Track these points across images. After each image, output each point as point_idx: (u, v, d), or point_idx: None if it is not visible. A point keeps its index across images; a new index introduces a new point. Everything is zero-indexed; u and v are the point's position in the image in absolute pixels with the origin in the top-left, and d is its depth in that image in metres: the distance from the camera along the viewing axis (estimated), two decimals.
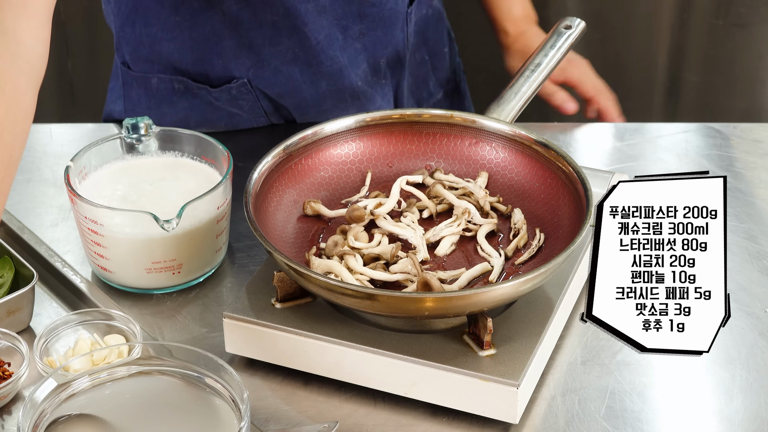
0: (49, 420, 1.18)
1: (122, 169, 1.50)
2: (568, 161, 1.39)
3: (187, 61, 1.72)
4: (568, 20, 1.58)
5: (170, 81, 1.73)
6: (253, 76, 1.72)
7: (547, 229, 1.38)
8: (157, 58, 1.72)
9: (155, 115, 1.76)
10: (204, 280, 1.47)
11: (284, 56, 1.71)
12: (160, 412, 1.21)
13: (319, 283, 1.25)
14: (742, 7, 2.72)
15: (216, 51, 1.70)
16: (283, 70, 1.72)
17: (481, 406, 1.25)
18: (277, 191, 1.42)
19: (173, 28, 1.69)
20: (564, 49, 1.55)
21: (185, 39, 1.70)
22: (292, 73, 1.72)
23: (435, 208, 1.42)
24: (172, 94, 1.74)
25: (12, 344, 1.33)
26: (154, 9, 1.69)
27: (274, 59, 1.71)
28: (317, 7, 1.67)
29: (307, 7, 1.67)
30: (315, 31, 1.69)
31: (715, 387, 1.32)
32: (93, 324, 1.36)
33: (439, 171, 1.47)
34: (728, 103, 2.85)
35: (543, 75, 1.53)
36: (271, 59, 1.71)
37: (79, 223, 1.43)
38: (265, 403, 1.30)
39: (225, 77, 1.73)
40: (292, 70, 1.72)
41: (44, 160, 1.71)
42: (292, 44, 1.69)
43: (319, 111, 1.77)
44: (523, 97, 1.51)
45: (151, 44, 1.71)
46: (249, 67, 1.71)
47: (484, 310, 1.25)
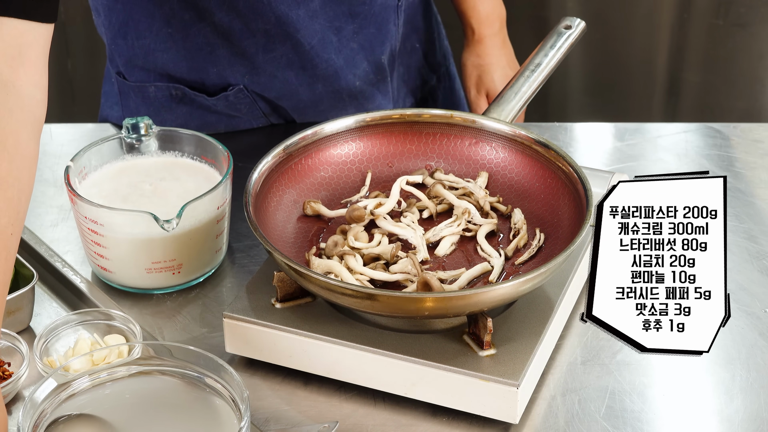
0: (49, 420, 1.18)
1: (122, 169, 1.50)
2: (568, 161, 1.39)
3: (182, 70, 1.71)
4: (568, 20, 1.58)
5: (167, 89, 1.73)
6: (249, 82, 1.72)
7: (547, 229, 1.38)
8: (152, 68, 1.72)
9: (155, 122, 1.76)
10: (204, 280, 1.47)
11: (278, 62, 1.70)
12: (160, 412, 1.21)
13: (319, 283, 1.25)
14: (742, 6, 2.73)
15: (210, 60, 1.70)
16: (278, 75, 1.72)
17: (481, 406, 1.25)
18: (277, 191, 1.42)
19: (166, 39, 1.69)
20: (564, 49, 1.55)
21: (179, 49, 1.70)
22: (287, 77, 1.72)
23: (435, 208, 1.42)
24: (170, 101, 1.74)
25: (12, 344, 1.33)
26: (146, 22, 1.69)
27: (268, 66, 1.71)
28: (308, 12, 1.67)
29: (298, 13, 1.66)
30: (308, 36, 1.69)
31: (715, 387, 1.32)
32: (93, 324, 1.36)
33: (439, 171, 1.47)
34: (728, 103, 2.85)
35: (543, 75, 1.53)
36: (265, 66, 1.70)
37: (79, 223, 1.43)
38: (265, 403, 1.30)
39: (221, 84, 1.72)
40: (288, 75, 1.72)
41: (44, 160, 1.70)
42: (285, 50, 1.69)
43: (317, 111, 1.77)
44: (523, 98, 1.50)
45: (145, 55, 1.71)
46: (244, 74, 1.71)
47: (484, 311, 1.25)
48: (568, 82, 2.77)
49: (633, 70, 2.81)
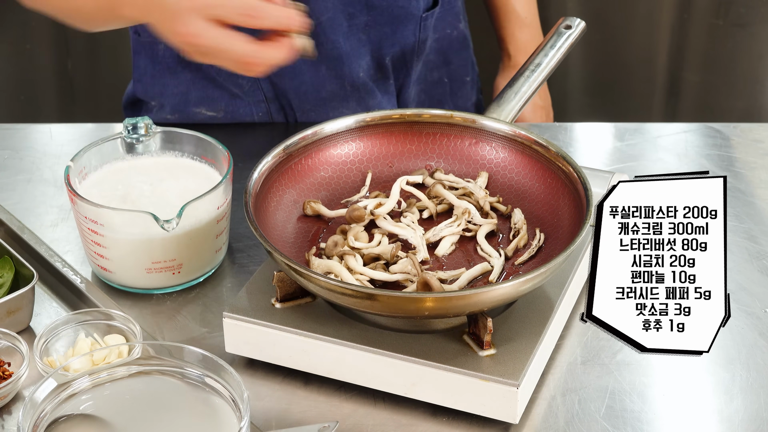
0: (49, 420, 1.18)
1: (122, 169, 1.50)
2: (568, 161, 1.38)
3: None
4: (569, 20, 1.58)
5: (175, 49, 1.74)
6: None
7: (547, 229, 1.38)
8: None
9: (158, 86, 1.76)
10: (204, 280, 1.47)
11: None
12: (160, 412, 1.20)
13: (319, 283, 1.25)
14: (742, 6, 2.73)
15: None
16: None
17: (481, 406, 1.25)
18: (277, 191, 1.42)
19: None
20: (564, 49, 1.55)
21: None
22: None
23: (435, 208, 1.42)
24: (176, 63, 1.74)
25: (12, 344, 1.33)
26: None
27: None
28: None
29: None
30: (318, 10, 1.68)
31: (715, 387, 1.32)
32: (93, 324, 1.36)
33: (439, 171, 1.47)
34: (728, 103, 2.85)
35: (543, 75, 1.53)
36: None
37: (79, 223, 1.43)
38: (265, 403, 1.30)
39: None
40: None
41: (44, 160, 1.70)
42: None
43: (318, 98, 1.76)
44: (523, 98, 1.50)
45: None
46: None
47: (484, 311, 1.25)
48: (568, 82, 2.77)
49: (633, 70, 2.81)
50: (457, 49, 1.87)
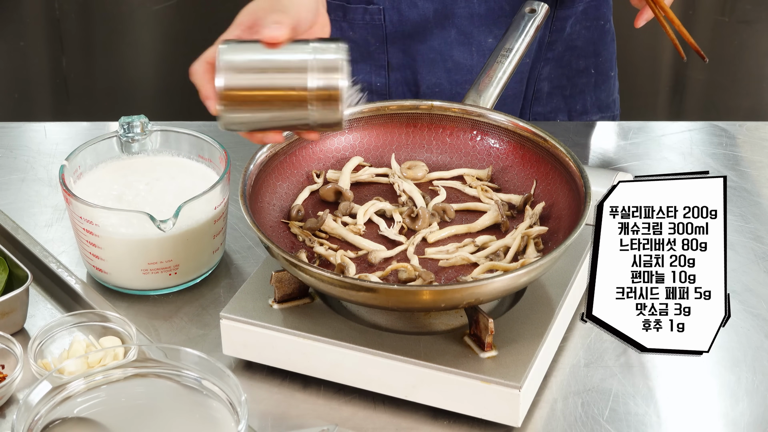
0: (44, 423, 1.18)
1: (118, 168, 1.49)
2: (565, 152, 1.39)
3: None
4: (533, 4, 1.58)
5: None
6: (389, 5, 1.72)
7: (546, 223, 1.38)
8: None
9: None
10: (201, 281, 1.47)
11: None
12: (157, 415, 1.21)
13: (315, 275, 1.23)
14: (748, 4, 2.72)
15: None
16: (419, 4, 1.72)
17: (483, 409, 1.24)
18: (273, 183, 1.41)
19: None
20: (531, 33, 1.55)
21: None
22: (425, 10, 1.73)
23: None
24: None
25: (6, 346, 1.33)
26: None
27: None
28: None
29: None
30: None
31: (720, 390, 1.32)
32: (88, 326, 1.36)
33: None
34: (733, 101, 2.85)
35: (516, 59, 1.52)
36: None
37: (74, 224, 1.42)
38: (263, 406, 1.29)
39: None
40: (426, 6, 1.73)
41: (38, 159, 1.70)
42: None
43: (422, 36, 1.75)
44: (500, 83, 1.50)
45: None
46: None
47: (484, 311, 1.25)
48: None
49: (637, 68, 2.81)
50: (608, 43, 1.86)
